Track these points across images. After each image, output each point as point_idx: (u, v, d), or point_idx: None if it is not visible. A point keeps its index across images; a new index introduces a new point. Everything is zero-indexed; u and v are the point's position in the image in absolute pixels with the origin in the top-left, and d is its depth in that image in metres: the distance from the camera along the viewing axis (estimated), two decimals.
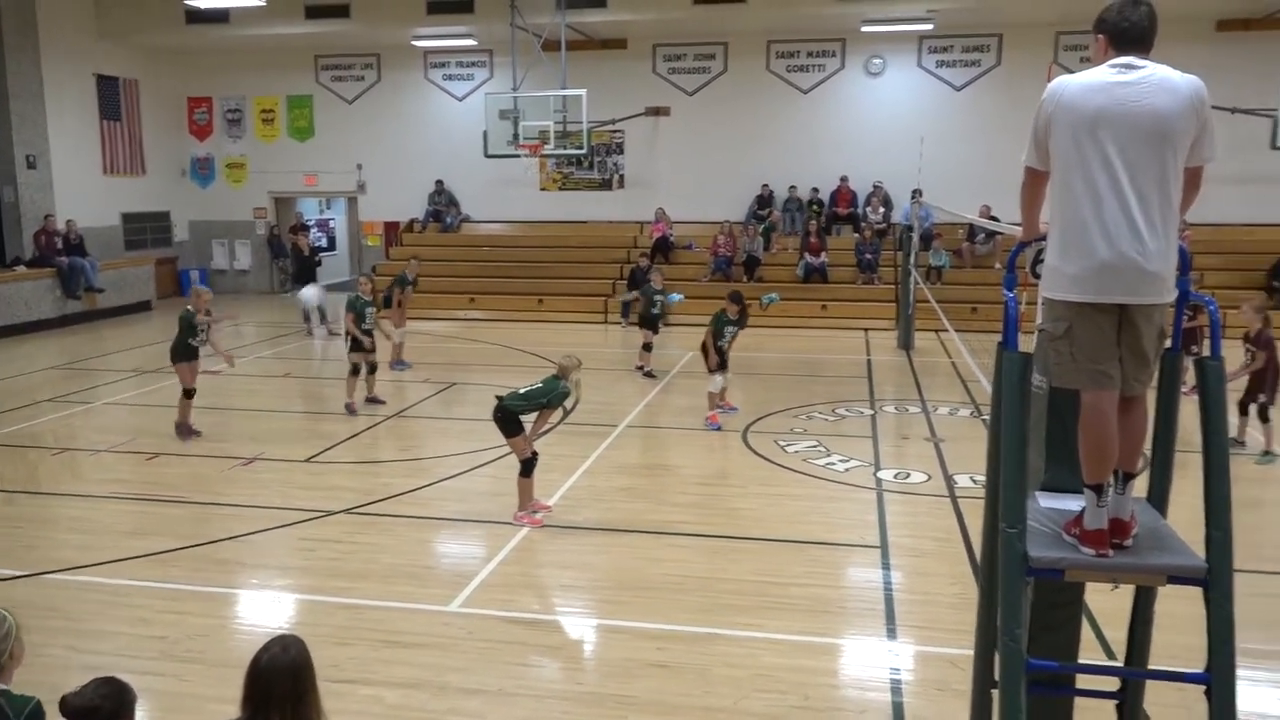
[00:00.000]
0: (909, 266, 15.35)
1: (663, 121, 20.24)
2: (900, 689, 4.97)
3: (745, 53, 19.95)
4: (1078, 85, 3.27)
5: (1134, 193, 3.18)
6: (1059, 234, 3.33)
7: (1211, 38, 17.74)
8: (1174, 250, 3.27)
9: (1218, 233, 17.87)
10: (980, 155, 18.15)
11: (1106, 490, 3.30)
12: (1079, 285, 3.27)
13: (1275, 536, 7.16)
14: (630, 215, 20.74)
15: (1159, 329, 3.35)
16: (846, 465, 8.89)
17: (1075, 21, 17.67)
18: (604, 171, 21.10)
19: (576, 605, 6.14)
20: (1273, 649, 5.42)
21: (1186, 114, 3.18)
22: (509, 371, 12.64)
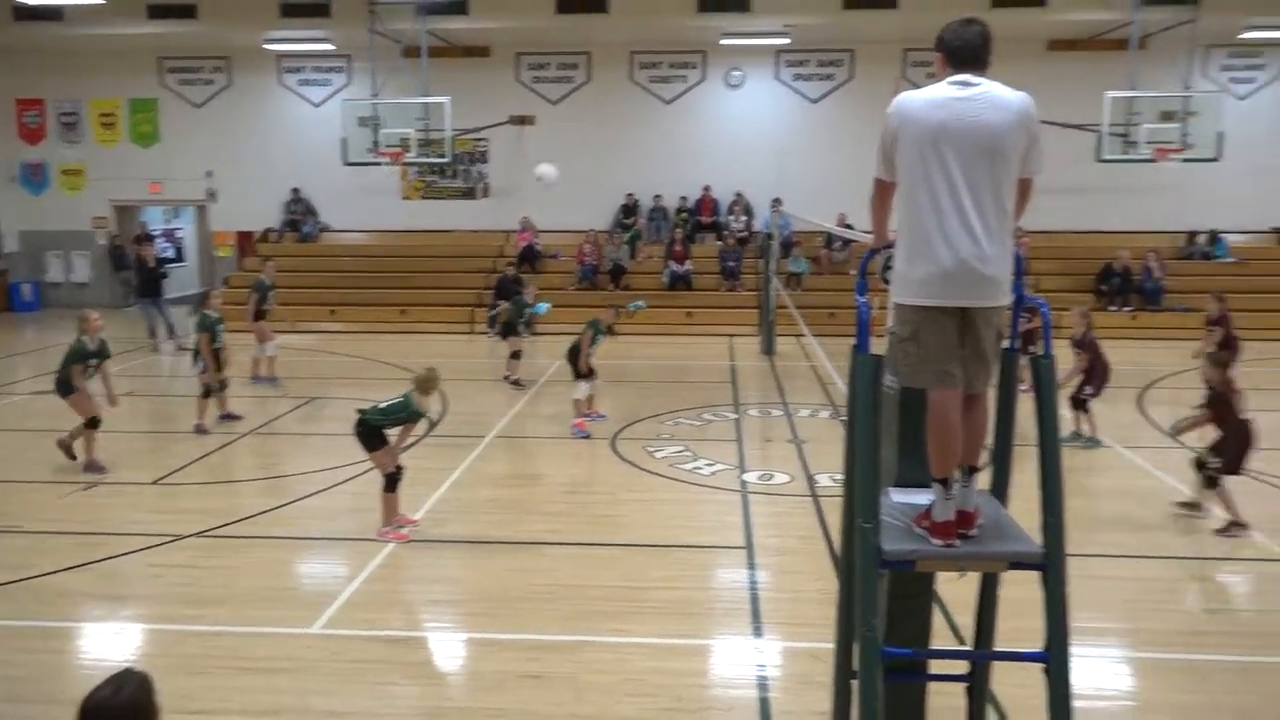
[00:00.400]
0: (770, 273, 15.76)
1: (527, 130, 20.17)
2: (767, 684, 5.09)
3: (608, 63, 20.12)
4: (920, 101, 3.44)
5: (972, 202, 3.37)
6: (905, 242, 3.50)
7: (1043, 57, 18.93)
8: (1010, 256, 3.47)
9: (1051, 239, 19.06)
10: (836, 165, 18.81)
11: (953, 484, 3.48)
12: (924, 290, 3.43)
13: (1106, 522, 7.65)
14: (495, 224, 20.58)
15: (997, 330, 3.55)
16: (712, 469, 9.05)
17: (920, 39, 18.50)
18: (468, 180, 20.88)
19: (445, 620, 6.04)
20: (1105, 627, 5.79)
21: (1017, 129, 3.39)
22: (371, 385, 12.33)
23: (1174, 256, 18.83)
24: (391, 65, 17.44)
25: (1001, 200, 3.41)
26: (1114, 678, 5.27)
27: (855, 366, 3.57)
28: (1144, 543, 7.22)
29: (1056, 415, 3.49)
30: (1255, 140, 18.86)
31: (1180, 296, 17.59)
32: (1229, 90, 18.82)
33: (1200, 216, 19.34)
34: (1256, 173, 19.05)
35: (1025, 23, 17.23)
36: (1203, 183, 18.57)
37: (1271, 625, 5.85)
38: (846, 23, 17.62)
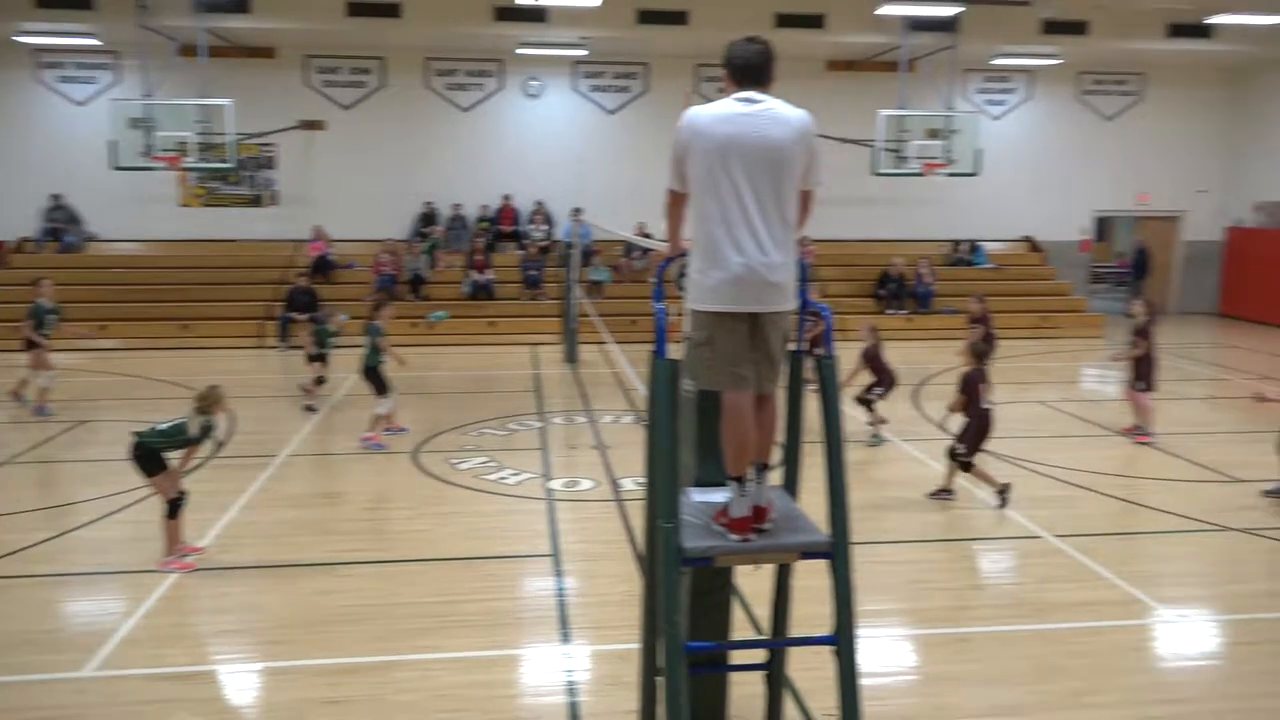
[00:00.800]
0: (571, 282, 15.90)
1: (318, 136, 19.42)
2: (575, 689, 5.15)
3: (403, 68, 19.69)
4: (708, 116, 3.60)
5: (758, 212, 3.55)
6: (698, 250, 3.65)
7: (822, 76, 20.09)
8: (794, 264, 3.68)
9: (835, 248, 20.23)
10: (633, 175, 19.19)
11: (747, 481, 3.65)
12: (717, 296, 3.59)
13: (888, 510, 8.20)
14: (285, 233, 19.66)
15: (784, 334, 3.76)
16: (518, 478, 9.03)
17: (711, 55, 19.23)
18: (254, 187, 19.85)
19: (238, 651, 5.73)
20: (888, 608, 6.21)
21: (798, 144, 3.60)
22: (147, 405, 11.50)
23: (942, 263, 20.41)
24: (166, 64, 16.35)
25: (785, 211, 3.61)
26: (896, 655, 5.66)
27: (654, 371, 3.68)
28: (922, 528, 7.79)
29: (840, 412, 3.73)
30: (1008, 157, 20.75)
31: (949, 300, 19.08)
32: (985, 111, 20.61)
33: (963, 226, 21.08)
34: (1010, 186, 20.97)
35: (806, 43, 18.20)
36: (965, 195, 20.26)
37: (1026, 595, 6.45)
38: (640, 36, 18.04)
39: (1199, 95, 21.49)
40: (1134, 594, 6.38)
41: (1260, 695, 5.06)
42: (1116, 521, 7.94)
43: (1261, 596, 6.44)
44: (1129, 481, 9.10)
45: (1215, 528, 7.71)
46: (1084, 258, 22.11)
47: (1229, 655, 5.64)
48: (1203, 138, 21.67)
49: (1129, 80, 21.44)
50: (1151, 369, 10.48)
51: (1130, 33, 18.29)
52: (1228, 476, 9.09)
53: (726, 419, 3.71)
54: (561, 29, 17.65)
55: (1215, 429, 11.31)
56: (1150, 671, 5.45)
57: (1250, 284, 21.06)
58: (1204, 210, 21.97)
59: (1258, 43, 18.65)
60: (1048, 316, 19.02)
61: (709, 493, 4.04)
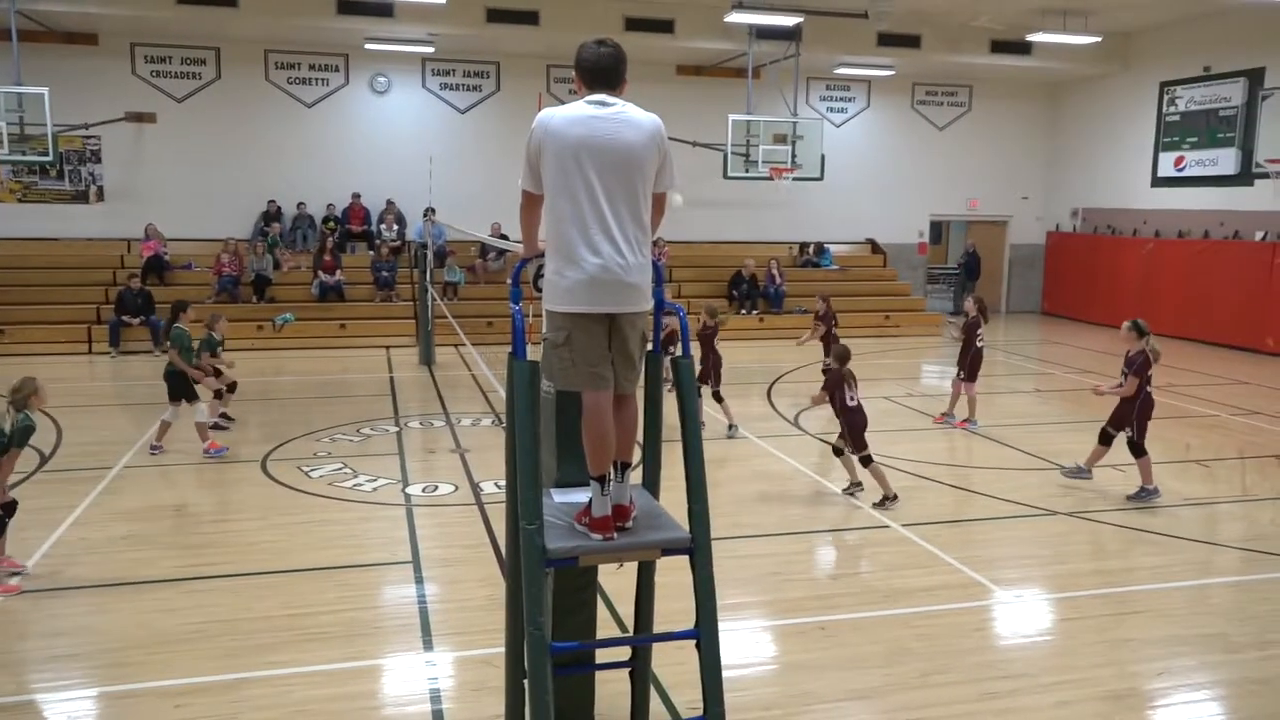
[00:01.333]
0: (426, 283, 15.60)
1: (148, 129, 18.40)
2: (440, 697, 5.06)
3: (241, 60, 18.85)
4: (561, 117, 3.61)
5: (612, 214, 3.59)
6: (554, 251, 3.65)
7: (672, 80, 20.42)
8: (649, 265, 3.74)
9: (689, 249, 20.62)
10: (487, 175, 19.03)
11: (609, 480, 3.68)
12: (574, 297, 3.61)
13: (747, 505, 8.41)
14: (114, 232, 18.52)
15: (641, 334, 3.81)
16: (374, 484, 8.81)
17: (562, 56, 19.28)
18: (77, 182, 18.59)
19: (73, 677, 5.34)
20: (749, 600, 6.37)
21: (650, 147, 3.66)
22: None
23: (790, 265, 21.09)
24: None
25: (639, 212, 3.66)
26: (757, 646, 5.82)
27: (513, 373, 3.67)
28: (779, 521, 8.03)
29: (697, 410, 3.80)
30: (850, 163, 21.65)
31: (798, 300, 19.73)
32: (827, 118, 21.42)
33: (809, 229, 21.85)
34: (852, 191, 21.88)
35: (655, 47, 18.47)
36: (811, 199, 21.02)
37: (876, 582, 6.75)
38: (490, 35, 17.88)
39: (1021, 108, 22.99)
40: (974, 577, 6.77)
41: (1087, 667, 5.45)
42: (956, 509, 8.40)
43: (1087, 575, 6.94)
44: (966, 471, 9.64)
45: (1044, 512, 8.26)
46: (922, 259, 23.30)
47: (1060, 631, 6.05)
48: (1025, 148, 23.20)
49: (958, 92, 22.73)
50: (974, 361, 11.16)
51: (958, 47, 19.40)
52: (1054, 464, 9.75)
53: (587, 419, 3.73)
54: (408, 25, 17.32)
55: (1042, 420, 12.12)
56: (991, 650, 5.79)
57: (1067, 284, 22.68)
58: (1027, 215, 23.53)
59: (1071, 60, 20.11)
60: (889, 315, 19.93)
61: (570, 493, 4.05)
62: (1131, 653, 5.65)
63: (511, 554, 3.90)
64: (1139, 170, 20.48)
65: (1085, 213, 22.32)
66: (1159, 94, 19.80)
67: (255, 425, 11.16)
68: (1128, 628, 6.00)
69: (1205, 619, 6.17)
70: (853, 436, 8.26)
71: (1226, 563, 7.29)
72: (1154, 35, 19.83)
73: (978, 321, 11.24)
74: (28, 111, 15.35)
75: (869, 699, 5.07)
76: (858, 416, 8.26)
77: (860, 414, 8.28)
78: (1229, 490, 9.16)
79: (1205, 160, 18.77)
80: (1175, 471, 9.48)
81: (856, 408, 8.28)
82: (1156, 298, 19.35)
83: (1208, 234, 18.85)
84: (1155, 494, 8.43)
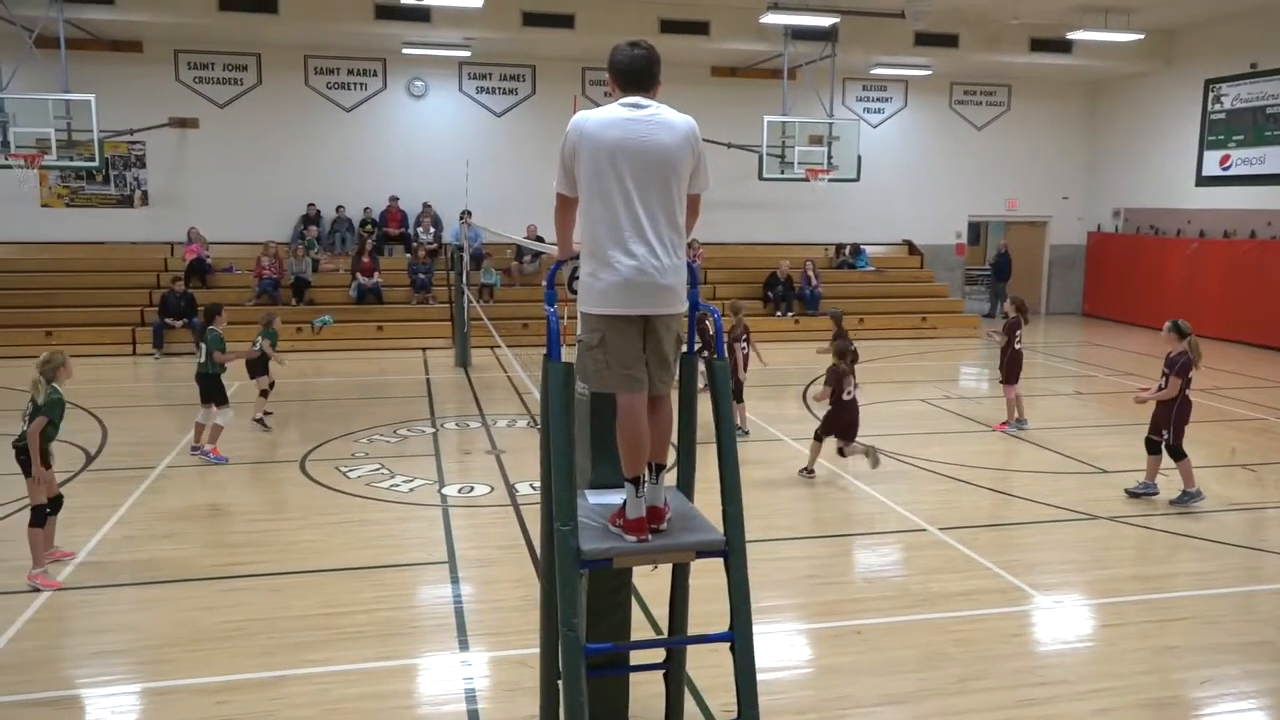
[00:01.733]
0: (462, 285, 15.71)
1: (191, 134, 18.70)
2: (475, 697, 5.09)
3: (281, 66, 19.11)
4: (595, 120, 3.62)
5: (647, 216, 3.59)
6: (588, 254, 3.66)
7: (707, 82, 20.39)
8: (684, 266, 3.73)
9: (723, 250, 20.58)
10: (523, 178, 19.12)
11: (643, 482, 3.68)
12: (608, 299, 3.61)
13: (783, 508, 8.38)
14: (157, 235, 18.85)
15: (676, 335, 3.80)
16: (411, 485, 8.88)
17: (597, 59, 19.31)
18: (123, 187, 18.95)
19: (116, 672, 5.44)
20: (784, 603, 6.34)
21: (685, 148, 3.66)
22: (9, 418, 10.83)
23: (826, 266, 20.96)
24: (21, 56, 15.44)
25: (673, 214, 3.66)
26: (792, 649, 5.79)
27: (547, 375, 3.68)
28: (814, 523, 7.99)
29: (732, 412, 3.80)
30: (887, 164, 21.50)
31: (834, 302, 19.60)
32: (864, 119, 21.27)
33: (845, 230, 21.71)
34: (889, 192, 21.71)
35: (690, 49, 18.45)
36: (847, 200, 20.89)
37: (913, 586, 6.69)
38: (526, 39, 17.97)
39: (1061, 107, 22.68)
40: (1013, 582, 6.68)
41: (1129, 674, 5.37)
42: (995, 513, 8.30)
43: (1127, 580, 6.83)
44: (1005, 474, 9.53)
45: (1085, 516, 8.14)
46: (959, 260, 23.06)
47: (1100, 637, 5.96)
48: (1065, 147, 22.88)
49: (997, 91, 22.47)
50: (1013, 363, 11.05)
51: (996, 46, 19.18)
52: (1094, 467, 9.60)
53: (621, 421, 3.73)
54: (445, 29, 17.44)
55: (1082, 423, 11.94)
56: (1029, 656, 5.71)
57: (1109, 285, 22.33)
58: (1068, 216, 23.20)
59: (1112, 58, 19.80)
60: (926, 317, 19.74)
61: (605, 494, 4.06)
62: (1174, 660, 5.55)
63: (546, 555, 3.91)
64: (1183, 169, 20.11)
65: (1127, 213, 21.97)
66: (1204, 91, 19.44)
67: (294, 426, 11.29)
68: (1170, 634, 5.89)
69: (1251, 626, 6.05)
70: (833, 424, 8.98)
71: (1274, 569, 7.13)
72: (1198, 32, 19.47)
73: (1018, 322, 11.12)
74: (75, 118, 15.65)
75: (905, 704, 5.03)
76: (851, 411, 8.94)
77: (854, 408, 8.97)
78: (1276, 495, 8.96)
79: (1252, 159, 18.41)
80: (1220, 476, 9.30)
81: (851, 401, 8.95)
82: (1200, 299, 19.00)
83: (1254, 234, 18.48)
84: (1199, 497, 8.28)
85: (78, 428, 10.92)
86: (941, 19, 18.11)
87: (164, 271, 18.05)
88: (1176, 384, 8.12)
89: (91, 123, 15.58)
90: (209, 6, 16.17)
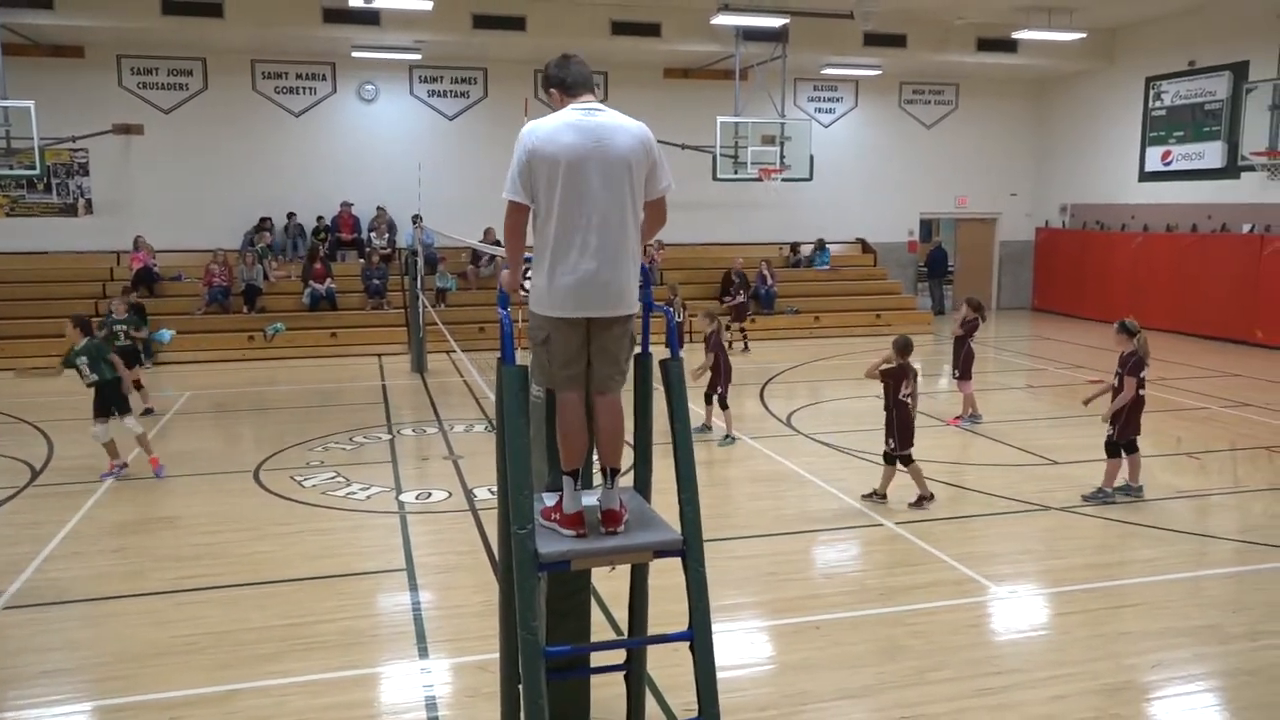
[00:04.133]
0: (417, 290, 15.59)
1: (135, 141, 18.36)
2: (435, 704, 5.05)
3: (227, 70, 18.83)
4: (550, 126, 3.62)
5: (600, 220, 3.60)
6: (541, 256, 3.66)
7: (659, 83, 20.45)
8: (637, 269, 3.74)
9: (680, 251, 20.63)
10: (476, 181, 19.00)
11: (580, 476, 3.74)
12: (556, 302, 3.63)
13: (741, 507, 8.42)
14: (103, 245, 18.49)
15: (629, 336, 3.81)
16: (368, 493, 8.79)
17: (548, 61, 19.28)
18: (65, 195, 18.55)
19: (65, 692, 5.32)
20: (744, 601, 6.37)
21: (639, 151, 3.67)
22: None
23: (781, 265, 21.11)
24: None
25: (625, 218, 3.66)
26: (752, 646, 5.81)
27: (502, 378, 3.67)
28: (773, 521, 8.03)
29: (687, 412, 3.81)
30: (839, 163, 21.71)
31: (789, 300, 19.77)
32: (816, 119, 21.45)
33: (800, 230, 21.88)
34: (841, 191, 21.93)
35: (642, 50, 18.49)
36: (801, 199, 21.06)
37: (870, 580, 6.76)
38: (477, 41, 17.88)
39: (1008, 105, 23.07)
40: (968, 574, 6.77)
41: (1082, 661, 5.46)
42: (950, 506, 8.40)
43: (1079, 569, 6.95)
44: (960, 468, 9.66)
45: (1038, 508, 8.28)
46: (912, 258, 23.35)
47: (1054, 626, 6.06)
48: (1013, 145, 23.28)
49: (945, 91, 22.80)
50: (967, 359, 11.22)
51: (944, 46, 19.47)
52: (1046, 459, 9.77)
53: (559, 416, 3.84)
54: (395, 32, 17.32)
55: (1034, 415, 12.15)
56: (985, 646, 5.79)
57: (1058, 280, 22.75)
58: (1016, 212, 23.60)
59: (1056, 57, 20.19)
60: (881, 314, 19.96)
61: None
62: (1126, 646, 5.66)
63: (504, 558, 3.90)
64: (1126, 165, 20.56)
65: (1074, 208, 22.40)
66: (1145, 89, 19.89)
67: (248, 435, 11.13)
68: (1122, 621, 6.01)
69: (1199, 611, 6.19)
70: (902, 432, 8.11)
71: (1220, 554, 7.30)
72: (1139, 30, 19.92)
73: (975, 323, 11.32)
74: (14, 125, 15.31)
75: (864, 697, 5.07)
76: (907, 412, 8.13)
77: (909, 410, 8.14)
78: (1221, 482, 9.18)
79: (1192, 154, 18.86)
80: (1167, 465, 9.51)
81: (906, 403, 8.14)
82: (1146, 292, 19.42)
83: (1196, 228, 18.93)
84: (1111, 498, 8.34)
85: (23, 442, 10.67)
86: (890, 19, 18.33)
87: (110, 281, 17.70)
88: (1131, 383, 8.20)
89: (31, 130, 15.25)
90: (152, 10, 15.89)
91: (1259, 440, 10.60)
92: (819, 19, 17.94)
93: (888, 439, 8.21)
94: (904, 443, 8.14)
